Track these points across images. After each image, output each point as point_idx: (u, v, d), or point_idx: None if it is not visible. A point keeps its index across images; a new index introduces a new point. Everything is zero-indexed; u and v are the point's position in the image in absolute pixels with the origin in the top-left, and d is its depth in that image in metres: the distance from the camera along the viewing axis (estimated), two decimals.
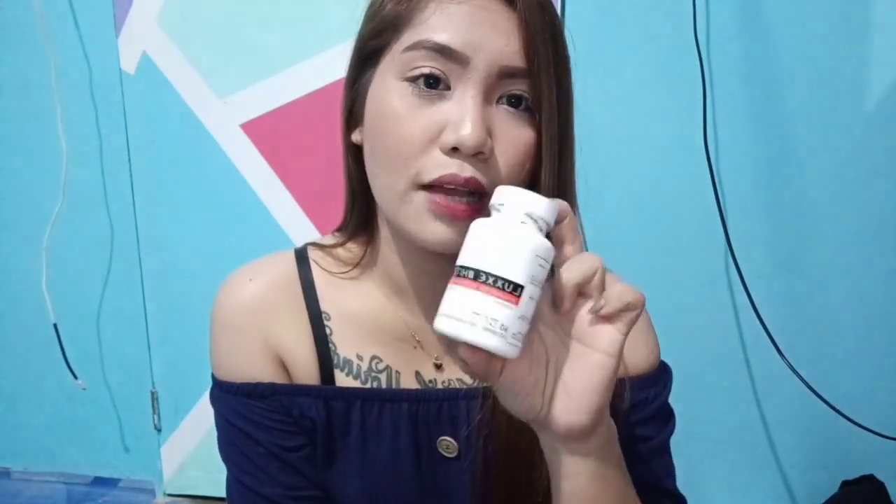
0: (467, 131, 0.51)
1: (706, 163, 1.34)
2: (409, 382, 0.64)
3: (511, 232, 0.44)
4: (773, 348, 1.35)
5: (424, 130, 0.53)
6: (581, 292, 0.47)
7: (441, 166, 0.53)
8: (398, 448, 0.63)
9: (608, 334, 0.46)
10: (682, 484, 0.68)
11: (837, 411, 1.34)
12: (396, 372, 0.64)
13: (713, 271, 1.42)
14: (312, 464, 0.64)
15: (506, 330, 0.43)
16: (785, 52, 1.31)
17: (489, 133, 0.53)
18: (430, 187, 0.54)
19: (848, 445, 1.41)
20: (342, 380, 0.64)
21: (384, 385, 0.64)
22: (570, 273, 0.45)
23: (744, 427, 1.46)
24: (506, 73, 0.53)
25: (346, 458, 0.64)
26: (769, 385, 1.44)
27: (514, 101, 0.54)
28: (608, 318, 0.46)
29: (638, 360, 0.64)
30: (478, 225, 0.46)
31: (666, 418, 0.66)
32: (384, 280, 0.64)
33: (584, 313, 0.47)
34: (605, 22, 1.37)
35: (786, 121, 1.34)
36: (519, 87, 0.54)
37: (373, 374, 0.64)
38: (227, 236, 1.60)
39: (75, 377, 1.68)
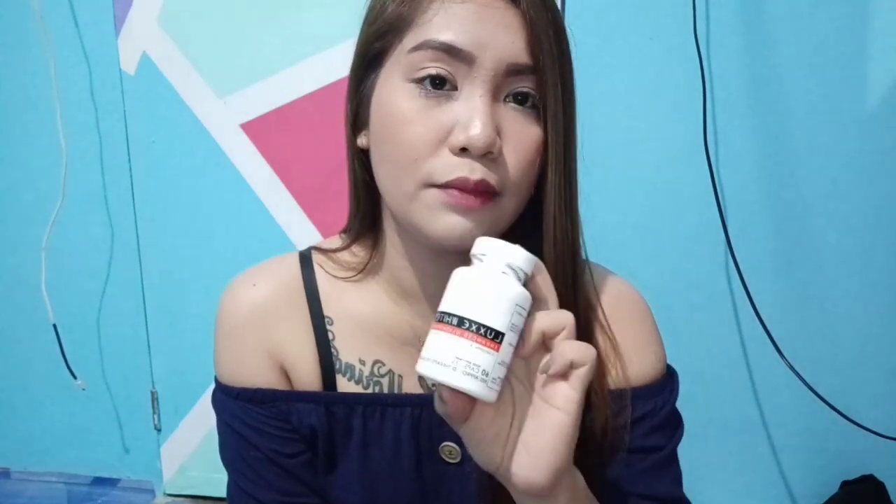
0: (477, 131, 0.50)
1: (706, 163, 1.34)
2: (411, 386, 0.63)
3: (493, 282, 0.46)
4: (773, 348, 1.35)
5: (433, 131, 0.52)
6: (546, 346, 0.47)
7: (451, 169, 0.52)
8: (400, 453, 0.63)
9: (563, 391, 0.46)
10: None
11: (837, 411, 1.34)
12: (399, 376, 0.63)
13: (713, 271, 1.42)
14: (311, 470, 0.63)
15: (486, 375, 0.44)
16: (785, 52, 1.31)
17: (498, 132, 0.52)
18: (441, 186, 0.53)
19: (848, 445, 1.41)
20: (344, 385, 0.63)
21: (386, 389, 0.63)
22: (539, 322, 0.46)
23: (744, 427, 1.46)
24: (512, 71, 0.52)
25: (347, 464, 0.63)
26: (769, 385, 1.44)
27: (521, 99, 0.54)
28: (560, 377, 0.47)
29: (645, 368, 0.63)
30: (460, 274, 0.47)
31: (674, 426, 0.65)
32: (390, 283, 0.63)
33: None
34: (604, 22, 1.37)
35: (786, 121, 1.34)
36: (525, 84, 0.53)
37: (374, 378, 0.63)
38: (227, 236, 1.60)
39: (74, 377, 1.68)
